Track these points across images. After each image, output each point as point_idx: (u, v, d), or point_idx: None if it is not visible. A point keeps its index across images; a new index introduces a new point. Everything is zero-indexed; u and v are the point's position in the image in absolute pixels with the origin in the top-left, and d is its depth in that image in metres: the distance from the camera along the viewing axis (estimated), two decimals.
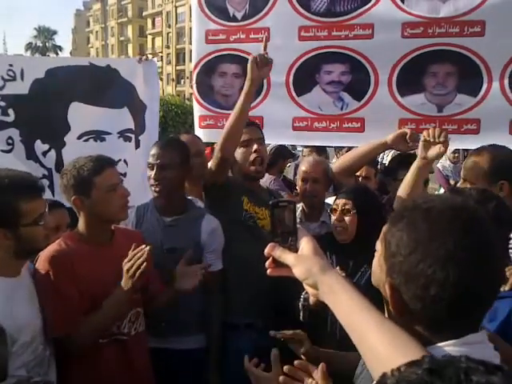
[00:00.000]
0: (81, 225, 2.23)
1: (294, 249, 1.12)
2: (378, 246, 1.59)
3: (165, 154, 2.58)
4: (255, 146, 2.73)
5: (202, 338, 2.64)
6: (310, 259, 1.08)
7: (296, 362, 1.49)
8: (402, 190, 2.52)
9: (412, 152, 3.25)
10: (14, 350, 1.75)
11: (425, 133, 2.47)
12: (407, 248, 1.00)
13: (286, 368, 1.48)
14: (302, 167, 3.14)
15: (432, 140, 2.43)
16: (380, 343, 0.92)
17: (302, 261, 1.09)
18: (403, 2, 2.99)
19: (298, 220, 1.24)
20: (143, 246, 2.04)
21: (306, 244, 1.11)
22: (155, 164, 2.55)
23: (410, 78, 3.03)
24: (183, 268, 2.34)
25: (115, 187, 2.20)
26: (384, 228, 1.11)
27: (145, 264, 1.99)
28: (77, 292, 2.07)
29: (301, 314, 2.36)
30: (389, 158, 4.18)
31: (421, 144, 2.46)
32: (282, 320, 2.49)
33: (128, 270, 2.01)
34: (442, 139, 2.41)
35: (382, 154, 4.31)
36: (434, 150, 2.43)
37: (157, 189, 2.55)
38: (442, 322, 0.98)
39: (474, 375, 0.62)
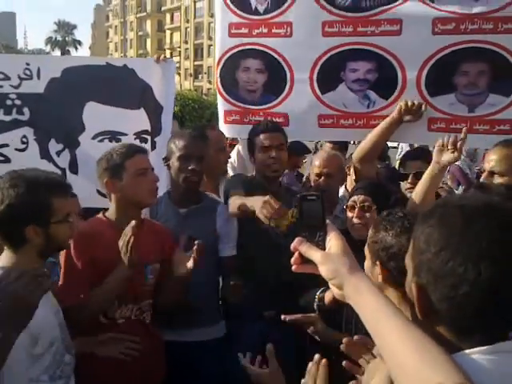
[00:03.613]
0: (111, 210, 2.36)
1: (322, 245, 1.08)
2: (366, 252, 1.61)
3: (200, 145, 2.68)
4: (273, 154, 2.77)
5: (215, 329, 2.69)
6: (339, 259, 1.03)
7: (356, 337, 1.47)
8: (415, 195, 2.54)
9: (419, 146, 3.55)
10: (35, 352, 1.75)
11: (440, 141, 2.50)
12: (437, 245, 0.96)
13: (345, 340, 1.45)
14: (316, 162, 3.12)
15: (447, 148, 2.47)
16: (406, 353, 0.88)
17: (329, 260, 1.04)
18: (433, 1, 2.86)
19: None
20: (132, 222, 2.13)
21: (334, 241, 1.06)
22: (194, 155, 2.60)
23: (440, 76, 2.91)
24: (178, 255, 2.35)
25: (145, 172, 2.33)
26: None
27: (132, 238, 2.07)
28: (91, 271, 2.19)
29: (316, 313, 2.32)
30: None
31: (436, 149, 2.50)
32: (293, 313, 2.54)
33: (121, 249, 2.12)
34: (451, 147, 2.46)
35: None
36: (447, 156, 2.47)
37: (195, 179, 2.61)
38: (470, 324, 0.94)
39: None
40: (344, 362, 1.49)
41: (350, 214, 2.48)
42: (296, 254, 1.09)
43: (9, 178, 1.81)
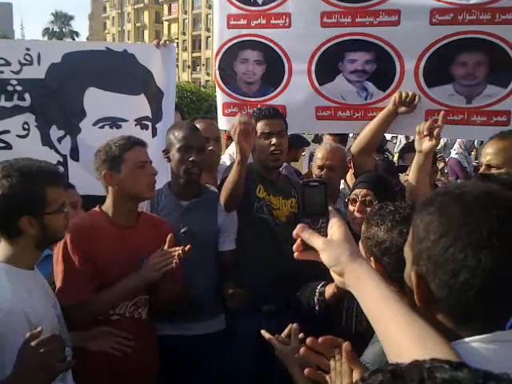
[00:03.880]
0: (108, 203, 2.32)
1: (324, 232, 1.07)
2: (360, 247, 1.57)
3: (200, 136, 2.66)
4: (274, 140, 2.72)
5: (216, 321, 2.69)
6: (340, 246, 1.03)
7: (321, 339, 1.28)
8: (408, 184, 2.51)
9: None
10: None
11: (417, 129, 2.42)
12: (437, 232, 0.95)
13: (308, 340, 1.27)
14: (319, 154, 3.11)
15: (423, 134, 2.38)
16: (405, 339, 0.88)
17: (331, 247, 1.03)
18: None
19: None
20: (179, 248, 2.13)
21: (336, 228, 1.06)
22: (194, 146, 2.58)
23: (438, 67, 2.91)
24: (153, 257, 2.24)
25: (143, 165, 2.30)
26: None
27: (173, 265, 2.10)
28: (89, 266, 2.16)
29: (316, 308, 2.30)
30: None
31: (416, 138, 2.44)
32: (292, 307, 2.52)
33: (155, 264, 2.13)
34: (426, 132, 2.38)
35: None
36: (426, 143, 2.38)
37: (195, 171, 2.59)
38: (469, 312, 0.94)
39: (438, 373, 0.61)
40: (306, 370, 1.33)
41: (351, 208, 2.46)
42: (298, 240, 1.08)
43: (1, 169, 1.78)
